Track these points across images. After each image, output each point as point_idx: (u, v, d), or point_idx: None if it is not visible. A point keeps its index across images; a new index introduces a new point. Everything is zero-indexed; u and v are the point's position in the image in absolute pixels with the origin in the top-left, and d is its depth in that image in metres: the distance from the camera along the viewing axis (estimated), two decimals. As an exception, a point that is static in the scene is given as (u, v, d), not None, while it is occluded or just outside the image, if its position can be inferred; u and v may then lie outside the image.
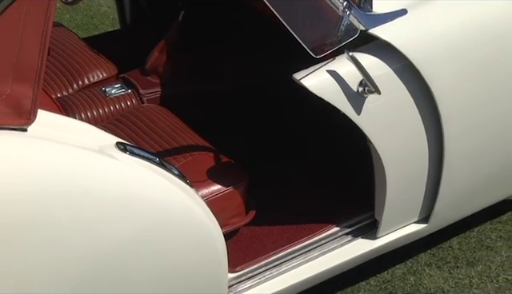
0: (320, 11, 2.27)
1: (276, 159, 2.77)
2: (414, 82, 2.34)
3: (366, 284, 2.79)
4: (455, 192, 2.59)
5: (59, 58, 2.89)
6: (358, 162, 2.48)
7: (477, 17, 2.44)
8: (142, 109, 2.73)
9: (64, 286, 1.93)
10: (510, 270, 2.85)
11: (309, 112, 2.42)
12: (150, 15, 3.31)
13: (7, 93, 1.82)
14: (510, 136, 2.65)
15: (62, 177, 1.87)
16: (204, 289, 2.23)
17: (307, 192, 2.70)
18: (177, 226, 2.09)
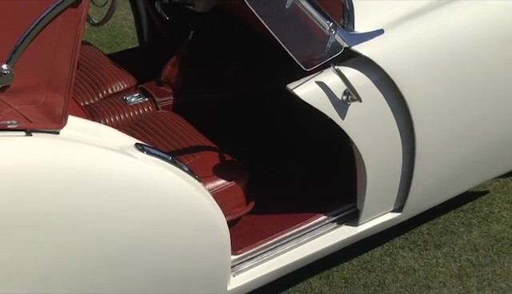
0: (309, 31, 2.27)
1: (272, 158, 2.77)
2: (389, 91, 2.35)
3: (349, 264, 2.79)
4: (425, 186, 2.59)
5: (87, 71, 2.89)
6: (343, 160, 2.47)
7: (442, 35, 2.44)
8: (157, 114, 2.73)
9: (97, 260, 1.96)
10: (470, 251, 2.86)
11: (300, 117, 2.42)
12: (164, 34, 3.31)
13: (42, 101, 1.83)
14: (472, 137, 2.65)
15: (89, 173, 1.89)
16: (210, 269, 2.24)
17: (299, 186, 2.70)
18: (187, 214, 2.10)
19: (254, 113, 2.89)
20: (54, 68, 1.83)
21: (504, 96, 2.65)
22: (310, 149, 2.81)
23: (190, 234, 2.13)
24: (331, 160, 2.66)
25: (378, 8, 2.45)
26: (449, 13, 2.48)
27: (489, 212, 3.05)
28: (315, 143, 2.74)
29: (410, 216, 2.69)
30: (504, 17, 2.56)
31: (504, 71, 2.60)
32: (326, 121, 2.29)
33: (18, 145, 1.80)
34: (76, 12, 1.81)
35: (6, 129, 1.77)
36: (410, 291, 2.70)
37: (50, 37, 1.80)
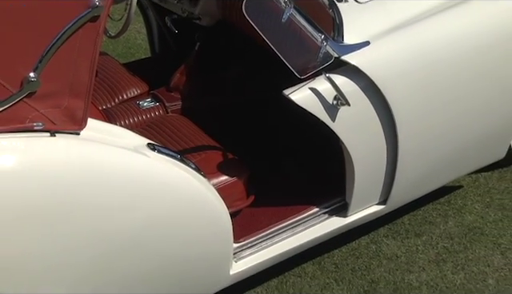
0: (303, 42, 2.27)
1: (270, 157, 2.76)
2: (375, 96, 2.35)
3: (339, 251, 2.79)
4: (407, 181, 2.59)
5: (104, 79, 2.89)
6: (333, 159, 2.47)
7: (421, 47, 2.44)
8: (167, 117, 2.73)
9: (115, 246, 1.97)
10: (446, 239, 2.86)
11: (296, 120, 2.42)
12: (173, 46, 3.31)
13: (65, 105, 1.83)
14: (448, 137, 2.65)
15: (106, 169, 1.90)
16: (214, 255, 2.24)
17: (294, 182, 2.70)
18: (193, 207, 2.10)
19: (254, 116, 2.89)
20: (75, 75, 1.82)
21: (475, 100, 2.65)
22: (304, 149, 2.80)
23: (197, 224, 2.13)
24: (323, 158, 2.66)
25: (364, 22, 2.45)
26: (427, 27, 2.48)
27: (462, 205, 3.06)
28: (309, 143, 2.74)
29: (393, 208, 2.70)
30: (474, 31, 2.56)
31: (475, 78, 2.60)
32: (319, 124, 2.29)
33: (44, 144, 1.80)
34: (95, 26, 1.81)
35: (33, 130, 1.78)
36: (393, 275, 2.70)
37: (72, 48, 1.80)
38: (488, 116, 2.76)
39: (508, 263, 2.75)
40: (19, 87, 1.74)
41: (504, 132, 2.91)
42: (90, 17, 1.78)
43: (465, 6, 2.57)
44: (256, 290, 2.63)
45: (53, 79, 1.79)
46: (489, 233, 2.90)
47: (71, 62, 1.81)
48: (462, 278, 2.68)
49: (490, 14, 2.61)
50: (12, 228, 1.75)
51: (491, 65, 2.63)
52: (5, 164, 1.72)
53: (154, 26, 3.38)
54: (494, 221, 2.96)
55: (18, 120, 1.76)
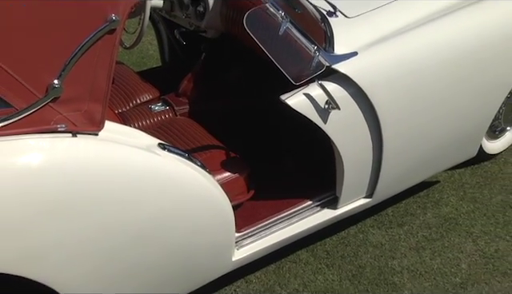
0: (298, 52, 2.27)
1: (269, 155, 2.75)
2: (362, 101, 2.34)
3: (330, 240, 2.79)
4: (390, 177, 2.59)
5: (120, 85, 2.89)
6: (325, 157, 2.46)
7: (403, 57, 2.44)
8: (176, 120, 2.72)
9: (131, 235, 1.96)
10: (425, 229, 2.85)
11: (292, 122, 2.41)
12: (182, 56, 3.30)
13: (85, 109, 1.82)
14: (428, 138, 2.65)
15: (121, 166, 1.89)
16: (218, 243, 2.23)
17: (290, 178, 2.69)
18: (199, 200, 2.09)
19: (254, 119, 2.87)
20: (94, 82, 1.82)
21: (451, 105, 2.65)
22: (299, 148, 2.79)
23: (202, 215, 2.12)
24: (315, 156, 2.64)
25: (352, 35, 2.44)
26: (408, 40, 2.48)
27: (439, 198, 3.05)
28: (303, 143, 2.73)
29: (378, 201, 2.69)
30: (449, 44, 2.56)
31: (450, 86, 2.59)
32: (312, 125, 2.28)
33: (66, 143, 1.79)
34: (112, 38, 1.80)
35: (57, 131, 1.78)
36: (378, 261, 2.69)
37: (92, 57, 1.79)
38: (462, 119, 2.75)
39: (478, 249, 2.75)
40: (45, 93, 1.74)
41: (475, 133, 2.91)
42: (108, 30, 1.78)
43: (441, 21, 2.58)
44: (255, 275, 2.62)
45: (74, 85, 1.78)
46: (462, 223, 2.89)
47: (91, 70, 1.81)
48: (439, 263, 2.68)
49: (463, 29, 2.61)
50: (38, 219, 1.74)
51: (465, 74, 2.62)
52: (32, 162, 1.72)
53: (165, 38, 3.38)
54: (466, 212, 2.96)
55: (43, 122, 1.76)
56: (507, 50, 2.73)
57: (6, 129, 1.70)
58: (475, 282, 2.59)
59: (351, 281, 2.60)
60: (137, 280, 2.06)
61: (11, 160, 1.70)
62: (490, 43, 2.65)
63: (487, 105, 2.85)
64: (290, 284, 2.59)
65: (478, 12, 2.66)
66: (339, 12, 2.53)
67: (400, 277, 2.62)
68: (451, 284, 2.58)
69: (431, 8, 2.66)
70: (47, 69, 1.74)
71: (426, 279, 2.61)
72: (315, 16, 2.39)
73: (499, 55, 2.72)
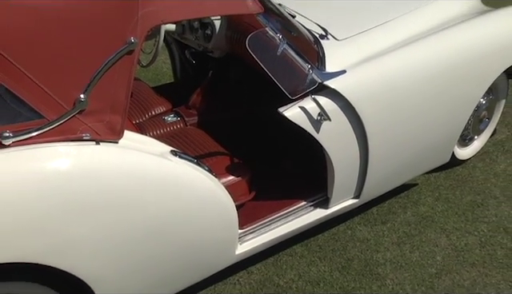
0: (294, 70, 2.26)
1: (268, 161, 2.73)
2: (350, 113, 2.33)
3: (322, 236, 2.77)
4: (375, 179, 2.58)
5: (138, 99, 2.89)
6: (317, 162, 2.46)
7: (387, 74, 2.44)
8: (186, 129, 2.71)
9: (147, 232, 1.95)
10: (405, 226, 2.84)
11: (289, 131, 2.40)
12: (192, 73, 3.30)
13: (107, 120, 1.82)
14: (408, 146, 2.64)
15: (138, 170, 1.87)
16: (223, 238, 2.21)
17: (287, 181, 2.67)
18: (207, 201, 2.08)
19: (255, 129, 2.86)
20: (115, 96, 1.82)
21: (427, 116, 2.64)
22: (295, 155, 2.78)
23: (209, 214, 2.11)
24: (309, 162, 2.63)
25: (341, 55, 2.43)
26: (390, 60, 2.47)
27: (418, 198, 3.04)
28: (299, 150, 2.71)
29: (364, 201, 2.67)
30: (426, 64, 2.55)
31: (427, 100, 2.59)
32: (306, 135, 2.27)
33: (90, 150, 1.79)
34: (131, 57, 1.80)
35: (82, 139, 1.78)
36: (364, 254, 2.68)
37: (113, 75, 1.79)
38: (436, 129, 2.75)
39: (451, 244, 2.73)
40: (72, 106, 1.74)
41: (448, 141, 2.90)
42: (127, 51, 1.78)
43: (418, 45, 2.57)
44: (256, 266, 2.61)
45: (98, 99, 1.78)
46: (437, 221, 2.88)
47: (112, 86, 1.80)
48: (417, 256, 2.67)
49: (436, 52, 2.60)
50: (66, 217, 1.74)
51: (438, 90, 2.61)
52: (61, 166, 1.72)
53: (177, 58, 3.38)
54: (441, 211, 2.95)
55: (71, 131, 1.76)
56: (472, 71, 2.73)
57: (40, 137, 1.71)
58: (448, 272, 2.58)
59: (341, 272, 2.59)
60: (152, 271, 2.04)
61: (43, 164, 1.71)
62: (458, 64, 2.65)
63: (458, 117, 2.84)
64: (287, 275, 2.58)
65: (449, 37, 2.66)
66: (330, 35, 2.52)
67: (383, 268, 2.60)
68: (428, 274, 2.57)
69: (409, 33, 2.67)
70: (74, 85, 1.74)
71: (406, 270, 2.59)
72: (309, 38, 2.39)
73: (466, 75, 2.72)
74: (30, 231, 1.69)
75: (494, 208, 2.95)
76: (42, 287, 1.84)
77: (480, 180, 3.16)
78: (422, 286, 2.50)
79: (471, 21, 2.79)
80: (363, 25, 2.63)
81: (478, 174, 3.22)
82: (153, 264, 2.03)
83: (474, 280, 2.53)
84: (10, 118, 1.70)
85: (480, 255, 2.67)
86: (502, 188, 3.10)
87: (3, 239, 1.65)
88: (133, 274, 1.99)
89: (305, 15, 2.60)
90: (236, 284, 2.53)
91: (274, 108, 2.24)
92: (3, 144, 1.66)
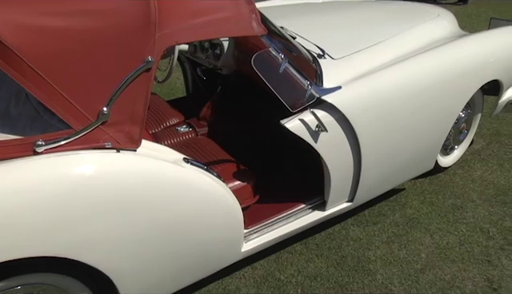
0: (295, 86, 2.25)
1: (271, 168, 2.71)
2: (345, 125, 2.32)
3: (319, 235, 2.75)
4: (368, 185, 2.56)
5: (154, 111, 2.87)
6: (316, 169, 2.44)
7: (378, 90, 2.42)
8: (197, 139, 2.69)
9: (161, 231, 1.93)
10: (394, 226, 2.82)
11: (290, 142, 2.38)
12: (202, 88, 3.30)
13: (126, 130, 1.81)
14: (397, 154, 2.63)
15: (154, 176, 1.85)
16: (230, 237, 2.19)
17: (288, 186, 2.65)
18: (216, 203, 2.05)
19: (259, 138, 2.84)
20: (134, 109, 1.80)
21: (414, 128, 2.62)
22: (296, 162, 2.76)
23: (218, 215, 2.08)
24: (308, 169, 2.61)
25: (337, 73, 2.42)
26: (381, 76, 2.46)
27: (405, 202, 3.02)
28: (299, 158, 2.69)
29: (358, 204, 2.65)
30: (413, 81, 2.54)
31: (413, 113, 2.57)
32: (305, 144, 2.26)
33: (112, 157, 1.78)
34: (148, 74, 1.79)
35: (105, 147, 1.77)
36: (357, 251, 2.66)
37: (132, 90, 1.78)
38: (421, 139, 2.73)
39: (434, 242, 2.71)
40: (96, 117, 1.73)
41: (432, 150, 2.89)
42: (145, 68, 1.77)
43: (405, 64, 2.57)
44: (259, 262, 2.59)
45: (119, 112, 1.77)
46: (422, 222, 2.86)
47: (131, 100, 1.79)
48: (404, 253, 2.64)
49: (422, 70, 2.59)
50: (91, 217, 1.73)
51: (423, 104, 2.60)
52: (86, 172, 1.71)
53: (189, 74, 3.38)
54: (425, 213, 2.92)
55: (94, 140, 1.75)
56: (453, 87, 2.73)
57: (67, 145, 1.71)
58: (431, 267, 2.55)
59: (336, 268, 2.56)
60: (166, 265, 2.02)
61: (71, 170, 1.70)
62: (440, 82, 2.64)
63: (440, 129, 2.83)
64: (287, 270, 2.55)
65: (432, 57, 2.66)
66: (327, 54, 2.52)
67: (374, 265, 2.58)
68: (413, 269, 2.55)
69: (398, 53, 2.67)
70: (99, 99, 1.73)
71: (395, 266, 2.57)
72: (308, 57, 2.38)
73: (448, 91, 2.71)
74: (59, 229, 1.68)
75: (471, 211, 2.94)
76: (68, 278, 1.83)
77: (460, 186, 3.15)
78: (409, 280, 2.48)
79: (451, 44, 2.80)
80: (356, 45, 2.63)
81: (458, 180, 3.20)
82: (167, 259, 2.00)
83: (453, 275, 2.51)
84: (43, 128, 1.72)
85: (459, 252, 2.65)
86: (479, 192, 3.09)
87: (37, 236, 1.65)
88: (149, 268, 1.97)
89: (304, 37, 2.59)
90: (241, 278, 2.51)
91: (276, 120, 2.23)
92: (37, 151, 1.67)
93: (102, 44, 1.71)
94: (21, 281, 1.74)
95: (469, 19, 6.09)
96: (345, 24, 2.98)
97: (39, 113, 1.76)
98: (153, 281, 2.00)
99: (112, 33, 1.72)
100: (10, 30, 1.58)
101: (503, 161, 3.38)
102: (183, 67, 3.39)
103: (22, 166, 1.64)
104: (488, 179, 3.21)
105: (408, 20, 3.02)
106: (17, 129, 1.73)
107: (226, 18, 1.98)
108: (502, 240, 2.72)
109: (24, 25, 1.60)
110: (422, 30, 2.91)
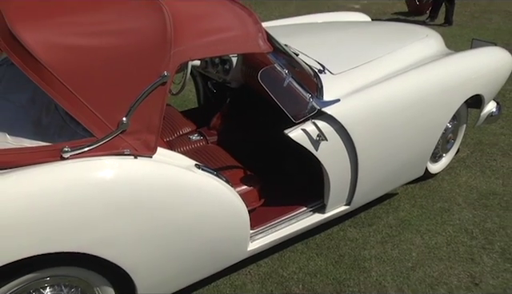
0: (297, 99, 2.23)
1: (275, 173, 2.67)
2: (343, 134, 2.29)
3: (319, 235, 2.71)
4: (364, 189, 2.52)
5: (168, 121, 2.84)
6: (316, 175, 2.40)
7: (374, 102, 2.40)
8: (208, 146, 2.67)
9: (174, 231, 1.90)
10: (387, 228, 2.78)
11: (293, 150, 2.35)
12: (213, 100, 3.28)
13: (143, 138, 1.79)
14: (391, 161, 2.59)
15: (168, 180, 1.83)
16: (237, 237, 2.15)
17: (291, 190, 2.60)
18: (224, 206, 2.02)
19: (264, 146, 2.81)
20: (150, 119, 1.79)
21: (405, 137, 2.59)
22: (298, 169, 2.72)
23: (226, 216, 2.05)
24: (309, 175, 2.57)
25: (336, 86, 2.39)
26: (377, 90, 2.44)
27: (398, 205, 2.98)
28: (301, 165, 2.66)
29: (355, 207, 2.61)
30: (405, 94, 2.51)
31: (405, 123, 2.54)
32: (307, 152, 2.23)
33: (130, 163, 1.76)
34: (164, 88, 1.78)
35: (123, 154, 1.76)
36: (354, 251, 2.62)
37: (149, 101, 1.76)
38: (412, 147, 2.69)
39: (424, 243, 2.67)
40: (116, 126, 1.72)
41: (422, 158, 2.85)
42: (161, 82, 1.76)
43: (398, 79, 2.55)
44: (264, 260, 2.55)
45: (137, 121, 1.75)
46: (413, 224, 2.82)
47: (148, 111, 1.77)
48: (397, 253, 2.60)
49: (412, 85, 2.57)
50: (110, 216, 1.71)
51: (414, 116, 2.57)
52: (107, 176, 1.70)
53: (201, 87, 3.37)
54: (416, 216, 2.88)
55: (114, 148, 1.74)
56: (441, 101, 2.71)
57: (90, 152, 1.71)
58: (421, 265, 2.51)
59: (334, 266, 2.52)
60: (178, 262, 1.99)
61: (93, 174, 1.69)
62: (430, 95, 2.62)
63: (430, 138, 2.79)
64: (290, 268, 2.51)
65: (422, 73, 2.64)
66: (327, 70, 2.49)
67: (369, 263, 2.54)
68: (405, 267, 2.51)
69: (391, 69, 2.65)
70: (119, 110, 1.72)
71: (388, 264, 2.53)
72: (309, 72, 2.35)
73: (436, 104, 2.69)
74: (83, 227, 1.67)
75: (457, 213, 2.90)
76: (90, 271, 1.82)
77: (447, 190, 3.11)
78: (400, 277, 2.44)
79: (439, 62, 2.79)
80: (354, 62, 2.61)
81: (446, 185, 3.17)
82: (179, 256, 1.98)
83: (441, 272, 2.48)
84: (69, 136, 1.73)
85: (446, 251, 2.62)
86: (464, 196, 3.05)
87: (63, 233, 1.64)
88: (163, 264, 1.94)
89: (306, 54, 2.56)
90: (247, 275, 2.47)
91: (279, 130, 2.20)
92: (63, 156, 1.68)
93: (123, 60, 1.71)
94: (50, 273, 1.75)
95: (454, 39, 6.07)
96: (343, 42, 2.96)
97: (66, 123, 1.76)
98: (166, 276, 1.97)
99: (132, 51, 1.72)
100: (44, 49, 1.62)
101: (485, 168, 3.35)
102: (195, 81, 3.38)
103: (50, 170, 1.64)
104: (472, 184, 3.18)
105: (400, 39, 3.01)
106: (47, 136, 1.74)
107: (235, 37, 1.97)
108: (483, 240, 2.69)
109: (55, 44, 1.65)
110: (413, 49, 2.90)
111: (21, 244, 1.58)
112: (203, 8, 1.99)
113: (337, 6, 7.79)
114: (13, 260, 1.58)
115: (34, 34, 1.65)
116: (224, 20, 1.99)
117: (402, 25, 3.47)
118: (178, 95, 2.76)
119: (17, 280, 1.68)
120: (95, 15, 1.79)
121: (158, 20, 1.76)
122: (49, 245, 1.63)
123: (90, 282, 1.85)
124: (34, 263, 1.66)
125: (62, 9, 1.81)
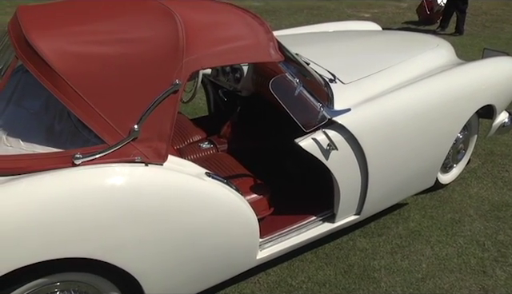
0: (308, 108, 2.22)
1: (285, 183, 2.65)
2: (354, 144, 2.27)
3: (328, 245, 2.68)
4: (374, 199, 2.49)
5: (179, 129, 2.84)
6: (326, 184, 2.39)
7: (384, 111, 2.39)
8: (218, 154, 2.66)
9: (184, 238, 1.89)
10: (397, 238, 2.75)
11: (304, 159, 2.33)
12: (223, 108, 3.28)
13: (154, 146, 1.79)
14: (401, 171, 2.57)
15: (179, 188, 1.82)
16: (247, 245, 2.14)
17: (301, 199, 2.58)
18: (234, 214, 2.01)
19: (275, 155, 2.79)
20: (161, 127, 1.79)
21: (416, 147, 2.57)
22: (308, 178, 2.71)
23: (236, 224, 2.04)
24: (320, 184, 2.55)
25: (347, 96, 2.38)
26: (387, 100, 2.42)
27: (408, 215, 2.95)
28: (311, 174, 2.64)
29: (364, 217, 2.58)
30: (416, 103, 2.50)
31: (416, 133, 2.52)
32: (317, 161, 2.21)
33: (141, 170, 1.75)
34: (175, 96, 1.78)
35: (135, 161, 1.75)
36: (363, 261, 2.59)
37: (160, 110, 1.77)
38: (423, 158, 2.67)
39: (435, 253, 2.64)
40: (128, 134, 1.72)
41: (433, 168, 2.82)
42: (173, 90, 1.76)
43: (409, 88, 2.53)
44: (273, 269, 2.53)
45: (148, 129, 1.76)
46: (423, 234, 2.79)
47: (159, 119, 1.78)
48: (407, 263, 2.57)
49: (423, 95, 2.55)
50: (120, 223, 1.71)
51: (425, 126, 2.55)
52: (117, 183, 1.70)
53: (211, 96, 3.36)
54: (426, 226, 2.85)
55: (125, 155, 1.74)
56: (452, 111, 2.69)
57: (102, 158, 1.71)
58: (431, 277, 2.48)
59: (343, 275, 2.50)
60: (188, 269, 1.98)
61: (104, 181, 1.69)
62: (441, 105, 2.60)
63: (440, 148, 2.76)
64: (298, 277, 2.49)
65: (433, 83, 2.61)
66: (338, 79, 2.48)
67: (379, 273, 2.51)
68: (415, 278, 2.47)
69: (402, 79, 2.63)
70: (130, 117, 1.73)
71: (398, 275, 2.49)
72: (320, 82, 2.35)
73: (447, 114, 2.67)
74: (93, 233, 1.67)
75: (468, 224, 2.86)
76: (99, 277, 1.82)
77: (458, 201, 3.07)
78: (410, 288, 2.41)
79: (450, 72, 2.77)
80: (364, 71, 2.59)
81: (456, 196, 3.13)
82: (189, 264, 1.97)
83: (452, 284, 2.44)
84: (81, 143, 1.73)
85: (457, 263, 2.58)
86: (475, 208, 3.01)
87: (73, 239, 1.64)
88: (172, 272, 1.93)
89: (317, 63, 2.56)
90: (256, 283, 2.45)
91: (290, 139, 2.19)
92: (75, 163, 1.68)
93: (135, 68, 1.72)
94: (60, 278, 1.75)
95: (464, 49, 6.03)
96: (354, 52, 2.95)
97: (78, 130, 1.77)
98: (175, 283, 1.97)
99: (144, 59, 1.73)
100: (57, 56, 1.64)
101: (497, 179, 3.31)
102: (206, 89, 3.38)
103: (61, 176, 1.64)
104: (483, 195, 3.14)
105: (411, 49, 3.00)
106: (59, 143, 1.74)
107: (247, 46, 1.98)
108: (496, 253, 2.65)
109: (69, 52, 1.66)
110: (424, 58, 2.89)
111: (31, 249, 1.58)
112: (215, 17, 1.99)
113: (347, 15, 7.80)
114: (23, 264, 1.58)
115: (49, 42, 1.66)
116: (236, 29, 1.99)
117: (413, 34, 3.46)
118: (189, 103, 2.77)
119: (27, 284, 1.69)
120: (109, 24, 1.81)
121: (171, 29, 1.77)
122: (59, 251, 1.63)
123: (99, 288, 1.85)
124: (44, 268, 1.67)
125: (76, 18, 1.83)
